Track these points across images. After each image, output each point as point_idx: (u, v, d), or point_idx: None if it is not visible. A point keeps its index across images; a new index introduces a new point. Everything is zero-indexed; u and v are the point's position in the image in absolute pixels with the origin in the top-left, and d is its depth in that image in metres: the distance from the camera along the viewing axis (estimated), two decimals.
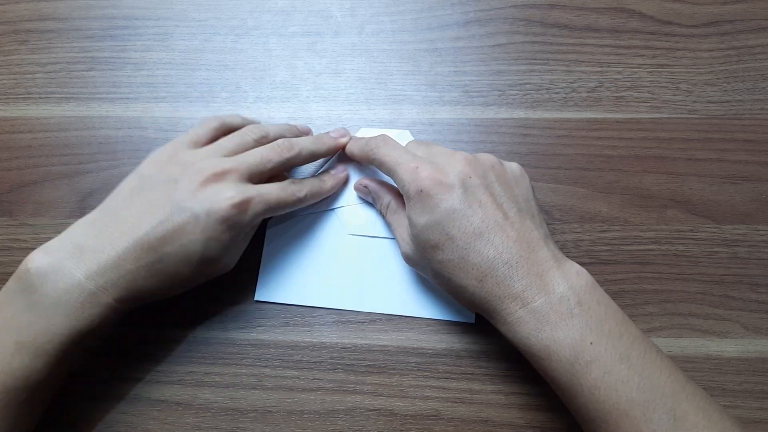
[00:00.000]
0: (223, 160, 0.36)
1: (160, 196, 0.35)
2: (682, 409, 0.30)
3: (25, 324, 0.32)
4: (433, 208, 0.34)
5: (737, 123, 0.45)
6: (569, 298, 0.32)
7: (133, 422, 0.38)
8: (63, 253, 0.33)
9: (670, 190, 0.43)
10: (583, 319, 0.31)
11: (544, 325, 0.31)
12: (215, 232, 0.34)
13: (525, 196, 0.36)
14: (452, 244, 0.33)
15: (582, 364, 0.31)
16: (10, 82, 0.47)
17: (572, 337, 0.31)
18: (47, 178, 0.44)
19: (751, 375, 0.39)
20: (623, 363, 0.30)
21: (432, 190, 0.34)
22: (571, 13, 0.48)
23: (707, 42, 0.47)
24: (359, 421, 0.38)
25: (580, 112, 0.45)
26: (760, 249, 0.42)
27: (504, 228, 0.33)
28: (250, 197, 0.35)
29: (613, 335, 0.31)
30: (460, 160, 0.35)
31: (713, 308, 0.40)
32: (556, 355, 0.31)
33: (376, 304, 0.40)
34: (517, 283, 0.32)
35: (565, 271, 0.33)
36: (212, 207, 0.34)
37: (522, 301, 0.32)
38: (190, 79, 0.47)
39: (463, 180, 0.34)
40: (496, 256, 0.33)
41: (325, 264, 0.41)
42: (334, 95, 0.46)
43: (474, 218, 0.33)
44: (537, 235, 0.34)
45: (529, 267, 0.32)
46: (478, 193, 0.34)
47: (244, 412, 0.39)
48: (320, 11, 0.48)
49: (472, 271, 0.33)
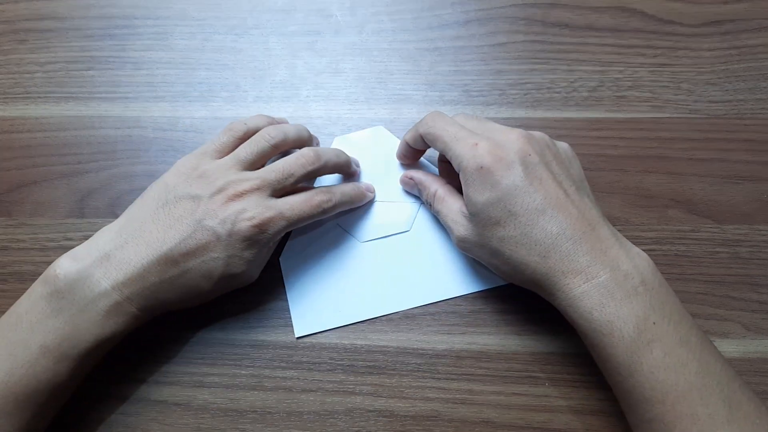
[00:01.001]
0: (244, 176, 0.36)
1: (183, 213, 0.35)
2: (736, 398, 0.30)
3: (51, 329, 0.33)
4: (495, 185, 0.34)
5: (739, 122, 0.44)
6: (633, 276, 0.32)
7: (132, 423, 0.38)
8: (90, 261, 0.34)
9: (671, 190, 0.43)
10: (646, 298, 0.31)
11: (609, 300, 0.31)
12: (237, 251, 0.35)
13: (579, 175, 0.36)
14: (515, 221, 0.33)
15: (644, 343, 0.31)
16: (9, 82, 0.47)
17: (636, 315, 0.31)
18: (46, 178, 0.44)
19: (752, 375, 0.39)
20: (683, 346, 0.31)
21: (493, 167, 0.34)
22: (572, 13, 0.47)
23: (709, 41, 0.46)
24: (359, 422, 0.38)
25: (581, 111, 0.45)
26: (762, 249, 0.41)
27: (565, 205, 0.33)
28: (271, 217, 0.35)
29: (674, 318, 0.31)
30: (518, 136, 0.35)
31: (714, 308, 0.40)
32: (619, 332, 0.31)
33: (410, 300, 0.40)
34: (581, 258, 0.32)
35: (627, 250, 0.33)
36: (233, 228, 0.34)
37: (586, 275, 0.32)
38: (189, 79, 0.47)
39: (523, 157, 0.34)
40: (560, 232, 0.33)
41: (348, 278, 0.41)
42: (334, 95, 0.46)
43: (536, 195, 0.33)
44: (596, 213, 0.34)
45: (592, 243, 0.33)
46: (538, 171, 0.34)
47: (243, 413, 0.38)
48: (320, 10, 0.48)
49: (536, 248, 0.33)
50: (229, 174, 0.36)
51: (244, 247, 0.35)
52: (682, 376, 0.30)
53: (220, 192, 0.35)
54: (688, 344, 0.31)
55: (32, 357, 0.32)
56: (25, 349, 0.32)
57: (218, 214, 0.35)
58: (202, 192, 0.36)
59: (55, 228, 0.43)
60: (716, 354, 0.32)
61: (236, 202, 0.35)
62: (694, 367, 0.30)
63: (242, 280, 0.37)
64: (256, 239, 0.35)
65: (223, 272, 0.35)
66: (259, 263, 0.38)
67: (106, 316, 0.33)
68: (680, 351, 0.31)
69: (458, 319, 0.40)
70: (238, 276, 0.36)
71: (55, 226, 0.43)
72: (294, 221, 0.36)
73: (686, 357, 0.30)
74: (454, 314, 0.40)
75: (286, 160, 0.37)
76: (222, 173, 0.36)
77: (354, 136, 0.44)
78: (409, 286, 0.41)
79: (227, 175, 0.36)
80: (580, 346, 0.38)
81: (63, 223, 0.43)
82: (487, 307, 0.40)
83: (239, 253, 0.35)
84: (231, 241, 0.34)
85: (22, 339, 0.33)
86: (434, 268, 0.41)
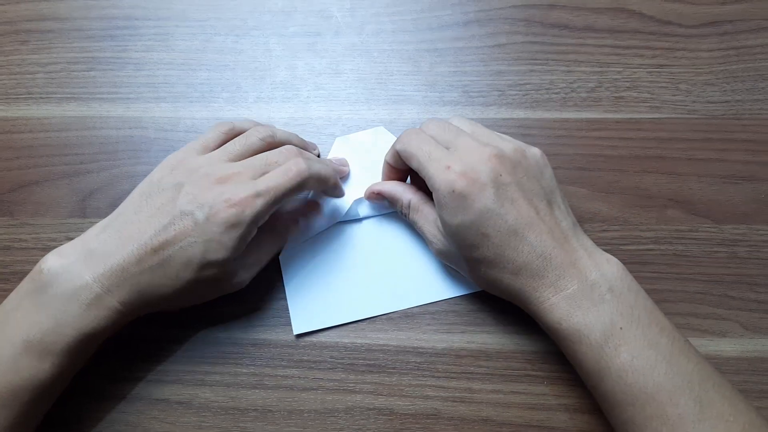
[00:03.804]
0: (227, 164, 0.36)
1: (165, 201, 0.35)
2: (708, 397, 0.30)
3: (34, 323, 0.33)
4: (467, 209, 0.34)
5: (737, 123, 0.45)
6: (601, 285, 0.33)
7: (133, 422, 0.38)
8: (75, 257, 0.34)
9: (670, 190, 0.43)
10: (613, 305, 0.32)
11: (576, 309, 0.33)
12: (215, 234, 0.34)
13: (550, 186, 0.36)
14: (488, 242, 0.34)
15: (611, 348, 0.31)
16: (11, 82, 0.47)
17: (603, 322, 0.32)
18: (48, 178, 0.44)
19: (750, 374, 0.39)
20: (652, 349, 0.31)
21: (465, 191, 0.34)
22: (570, 14, 0.48)
23: (707, 42, 0.47)
24: (359, 421, 0.38)
25: (580, 112, 0.45)
26: (760, 249, 0.42)
27: (536, 224, 0.34)
28: (246, 196, 0.34)
29: (643, 322, 0.32)
30: (489, 156, 0.35)
31: (712, 308, 0.40)
32: (587, 339, 0.32)
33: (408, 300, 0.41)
34: (551, 273, 0.33)
35: (595, 259, 0.34)
36: (211, 211, 0.34)
37: (555, 288, 0.33)
38: (190, 80, 0.47)
39: (494, 178, 0.34)
40: (530, 251, 0.34)
41: (347, 277, 0.41)
42: (335, 95, 0.46)
43: (508, 217, 0.34)
44: (566, 225, 0.35)
45: (562, 257, 0.34)
46: (510, 191, 0.34)
47: (244, 412, 0.39)
48: (320, 11, 0.49)
49: (508, 266, 0.34)
50: (214, 164, 0.36)
51: (222, 230, 0.34)
52: (651, 378, 0.30)
53: (202, 179, 0.35)
54: (657, 346, 0.31)
55: (15, 352, 0.32)
56: (10, 346, 0.32)
57: (198, 199, 0.34)
58: (185, 180, 0.35)
59: (56, 228, 0.43)
60: (690, 354, 0.32)
61: (218, 186, 0.35)
62: (663, 368, 0.31)
63: (227, 276, 0.36)
64: (235, 222, 0.34)
65: (201, 259, 0.34)
66: (248, 262, 0.37)
67: (87, 308, 0.33)
68: (648, 353, 0.31)
69: (457, 318, 0.40)
70: (220, 266, 0.35)
71: (56, 226, 0.43)
72: (271, 198, 0.35)
73: (654, 359, 0.31)
74: (453, 313, 0.40)
75: (270, 152, 0.37)
76: (207, 164, 0.36)
77: (355, 136, 0.45)
78: (407, 286, 0.41)
79: (212, 165, 0.36)
80: None
81: (65, 223, 0.43)
82: (486, 306, 0.40)
83: (217, 237, 0.34)
84: (209, 225, 0.34)
85: (7, 335, 0.33)
86: (432, 268, 0.41)
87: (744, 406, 0.31)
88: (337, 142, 0.44)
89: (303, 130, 0.45)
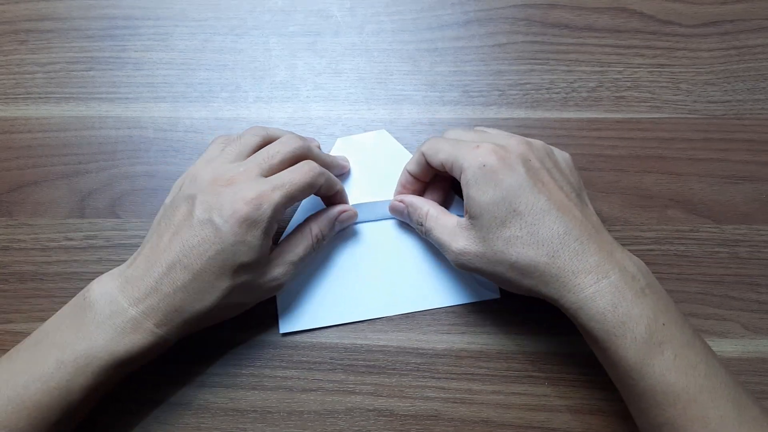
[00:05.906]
0: (231, 165, 0.36)
1: (183, 217, 0.35)
2: (743, 400, 0.30)
3: (69, 344, 0.33)
4: (498, 183, 0.33)
5: (738, 123, 0.44)
6: (639, 278, 0.32)
7: (132, 423, 0.38)
8: (112, 284, 0.34)
9: (671, 190, 0.43)
10: (653, 300, 0.32)
11: (621, 300, 0.31)
12: (239, 236, 0.33)
13: (579, 185, 0.36)
14: (520, 220, 0.33)
15: (655, 344, 0.30)
16: (10, 82, 0.47)
17: (647, 316, 0.31)
18: (47, 178, 0.44)
19: (751, 375, 0.39)
20: (691, 348, 0.31)
21: (496, 165, 0.34)
22: (571, 13, 0.48)
23: (708, 42, 0.47)
24: (359, 422, 0.38)
25: (581, 111, 0.45)
26: (761, 249, 0.41)
27: (569, 208, 0.34)
28: (263, 191, 0.34)
29: (678, 321, 0.32)
30: (518, 142, 0.35)
31: (713, 308, 0.40)
32: (631, 333, 0.30)
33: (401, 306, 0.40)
34: (590, 257, 0.32)
35: (629, 255, 0.34)
36: (228, 211, 0.34)
37: (597, 275, 0.32)
38: (189, 79, 0.47)
39: (525, 161, 0.34)
40: (567, 231, 0.32)
41: (338, 278, 0.41)
42: (334, 95, 0.46)
43: (540, 196, 0.33)
44: (597, 220, 0.35)
45: (599, 244, 0.33)
46: (540, 174, 0.34)
47: (243, 413, 0.39)
48: (320, 11, 0.48)
49: (543, 247, 0.32)
50: (218, 169, 0.36)
51: (245, 230, 0.33)
52: (692, 378, 0.30)
53: (211, 185, 0.35)
54: (694, 347, 0.31)
55: (48, 371, 0.32)
56: (43, 364, 0.32)
57: (213, 205, 0.34)
58: (195, 191, 0.35)
59: (55, 228, 0.43)
60: (717, 356, 0.32)
61: (228, 188, 0.35)
62: (703, 369, 0.30)
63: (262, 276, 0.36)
64: (254, 219, 0.34)
65: (233, 263, 0.34)
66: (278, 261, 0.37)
67: (123, 333, 0.33)
68: (688, 353, 0.30)
69: (458, 318, 0.40)
70: (253, 267, 0.35)
71: (55, 226, 0.43)
72: (289, 192, 0.35)
73: (694, 359, 0.30)
74: (453, 314, 0.40)
75: (270, 145, 0.37)
76: (212, 171, 0.36)
77: (356, 138, 0.44)
78: (398, 292, 0.41)
79: (216, 170, 0.36)
80: (579, 346, 0.38)
81: (63, 223, 0.43)
82: (487, 307, 0.40)
83: (242, 238, 0.33)
84: (229, 227, 0.33)
85: (42, 354, 0.33)
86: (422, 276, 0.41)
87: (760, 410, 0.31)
88: (338, 142, 0.44)
89: (303, 130, 0.45)
